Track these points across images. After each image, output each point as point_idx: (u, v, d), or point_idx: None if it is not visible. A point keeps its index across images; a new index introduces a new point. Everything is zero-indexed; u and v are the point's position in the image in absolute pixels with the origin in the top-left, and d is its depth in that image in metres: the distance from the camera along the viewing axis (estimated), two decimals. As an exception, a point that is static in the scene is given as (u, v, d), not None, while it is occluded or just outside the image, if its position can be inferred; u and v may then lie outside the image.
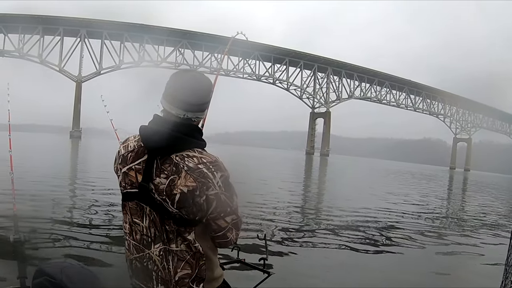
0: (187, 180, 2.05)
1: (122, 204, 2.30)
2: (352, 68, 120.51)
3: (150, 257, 2.19)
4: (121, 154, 2.29)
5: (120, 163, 2.28)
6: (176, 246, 2.14)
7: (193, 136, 2.19)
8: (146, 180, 2.14)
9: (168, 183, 2.08)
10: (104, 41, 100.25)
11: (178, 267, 2.14)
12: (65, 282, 2.34)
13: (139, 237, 2.22)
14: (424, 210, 17.09)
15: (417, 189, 30.28)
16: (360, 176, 44.49)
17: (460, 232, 12.44)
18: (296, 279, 6.69)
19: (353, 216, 13.30)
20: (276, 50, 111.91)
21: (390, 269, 7.96)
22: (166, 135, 2.11)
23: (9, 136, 3.87)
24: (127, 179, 2.23)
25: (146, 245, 2.20)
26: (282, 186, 23.13)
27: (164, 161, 2.11)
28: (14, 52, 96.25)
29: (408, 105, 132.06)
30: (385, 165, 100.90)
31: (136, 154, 2.21)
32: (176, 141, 2.12)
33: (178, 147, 2.12)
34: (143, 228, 2.20)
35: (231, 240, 2.29)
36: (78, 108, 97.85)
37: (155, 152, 2.13)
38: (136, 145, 2.24)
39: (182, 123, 2.16)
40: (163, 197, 2.09)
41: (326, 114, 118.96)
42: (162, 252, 2.16)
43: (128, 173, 2.22)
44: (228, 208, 2.19)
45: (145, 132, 2.20)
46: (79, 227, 8.92)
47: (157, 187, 2.10)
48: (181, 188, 2.06)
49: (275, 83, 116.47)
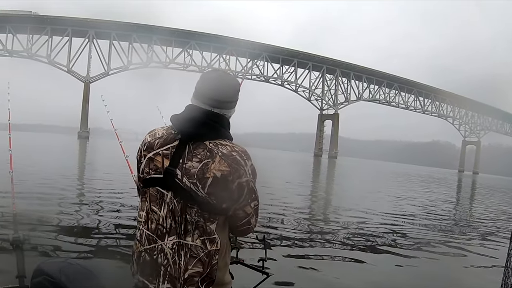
0: (221, 165, 2.09)
1: (141, 191, 2.28)
2: (361, 70, 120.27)
3: (161, 249, 2.15)
4: (147, 141, 2.29)
5: (145, 150, 2.27)
6: (192, 240, 2.12)
7: (225, 128, 2.26)
8: (173, 165, 2.15)
9: (201, 167, 2.10)
10: (112, 42, 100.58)
11: (190, 264, 2.11)
12: (64, 282, 2.33)
13: (154, 227, 2.19)
14: (435, 215, 16.80)
15: (427, 193, 29.87)
16: (368, 179, 44.21)
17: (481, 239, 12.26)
18: (295, 280, 6.63)
19: (357, 219, 13.06)
20: (284, 52, 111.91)
21: (391, 271, 7.85)
22: (201, 122, 2.18)
23: (9, 135, 3.86)
24: (151, 164, 2.22)
25: (160, 236, 2.16)
26: (286, 188, 23.10)
27: (197, 146, 2.14)
28: (23, 52, 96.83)
29: (416, 108, 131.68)
30: (393, 168, 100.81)
31: (165, 140, 2.23)
32: (211, 128, 2.18)
33: (212, 135, 2.17)
34: (160, 217, 2.17)
35: (252, 227, 2.35)
36: (86, 108, 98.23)
37: (189, 137, 2.17)
38: (165, 133, 2.27)
39: (216, 114, 2.23)
40: (194, 180, 2.10)
41: (335, 116, 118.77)
42: (175, 245, 2.13)
43: (154, 158, 2.22)
44: (253, 194, 2.24)
45: (178, 118, 2.24)
46: (79, 227, 8.90)
47: (187, 170, 2.11)
48: (214, 172, 2.08)
49: (283, 84, 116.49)
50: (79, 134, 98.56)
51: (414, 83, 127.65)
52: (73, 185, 15.61)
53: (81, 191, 14.94)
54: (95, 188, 15.65)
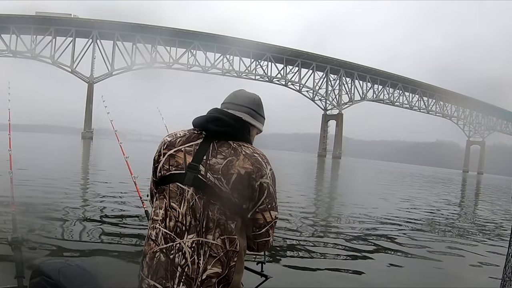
0: (245, 163, 2.15)
1: (159, 189, 2.27)
2: (365, 70, 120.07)
3: (180, 248, 2.11)
4: (167, 141, 2.32)
5: (165, 148, 2.30)
6: (213, 239, 2.10)
7: (248, 134, 2.32)
8: (197, 161, 2.18)
9: (226, 163, 2.14)
10: (116, 42, 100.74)
11: (209, 264, 2.09)
12: (62, 282, 2.34)
13: (172, 224, 2.15)
14: (439, 216, 16.69)
15: (431, 194, 29.66)
16: (371, 180, 44.07)
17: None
18: (294, 283, 6.60)
19: (359, 221, 12.90)
20: (288, 52, 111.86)
21: (393, 272, 7.79)
22: (228, 123, 2.25)
23: (9, 135, 3.86)
24: (172, 160, 2.24)
25: (179, 234, 2.13)
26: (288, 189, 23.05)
27: (221, 144, 2.20)
28: (27, 53, 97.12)
29: (421, 108, 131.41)
30: (398, 168, 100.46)
31: (188, 138, 2.27)
32: (236, 130, 2.25)
33: (237, 136, 2.24)
34: (179, 214, 2.15)
35: (270, 240, 2.34)
36: (90, 109, 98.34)
37: (214, 135, 2.23)
38: (187, 132, 2.31)
39: (241, 120, 2.33)
40: (218, 175, 2.13)
41: (339, 116, 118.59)
42: (194, 244, 2.10)
43: (175, 154, 2.25)
44: (274, 202, 2.26)
45: (203, 118, 2.30)
46: (78, 228, 8.84)
47: (212, 166, 2.15)
48: (238, 169, 2.13)
49: (287, 84, 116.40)
50: (83, 135, 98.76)
51: (418, 83, 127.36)
52: (73, 185, 15.54)
53: (81, 191, 14.86)
54: (96, 189, 15.64)
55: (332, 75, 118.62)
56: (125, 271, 5.72)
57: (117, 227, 9.19)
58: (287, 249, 8.71)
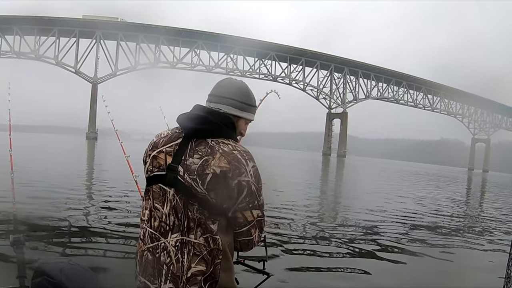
0: (221, 161, 2.10)
1: (145, 189, 2.31)
2: (369, 68, 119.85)
3: (164, 247, 2.15)
4: (153, 142, 2.33)
5: (150, 150, 2.31)
6: (195, 238, 2.11)
7: (230, 129, 2.27)
8: (176, 161, 2.17)
9: (201, 163, 2.11)
10: (119, 42, 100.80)
11: (193, 262, 2.10)
12: (64, 282, 2.36)
13: (157, 224, 2.20)
14: (444, 215, 16.48)
15: (436, 192, 29.51)
16: (376, 178, 43.98)
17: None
18: (296, 281, 6.61)
19: (362, 219, 12.90)
20: (292, 51, 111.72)
21: (394, 272, 7.77)
22: (206, 120, 2.20)
23: (9, 136, 3.87)
24: (155, 162, 2.26)
25: (163, 233, 2.17)
26: (292, 187, 23.01)
27: (199, 143, 2.17)
28: (31, 54, 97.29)
29: (425, 105, 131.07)
30: (403, 167, 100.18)
31: (169, 138, 2.27)
32: (214, 126, 2.19)
33: (215, 133, 2.19)
34: (163, 215, 2.18)
35: (254, 240, 2.32)
36: (94, 109, 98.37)
37: (192, 133, 2.20)
38: (170, 132, 2.32)
39: (222, 114, 2.27)
40: (194, 176, 2.11)
41: (343, 115, 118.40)
42: (178, 242, 2.13)
43: (157, 156, 2.26)
44: (255, 201, 2.21)
45: (183, 116, 2.28)
46: (79, 228, 8.92)
47: (188, 167, 2.13)
48: (214, 168, 2.09)
49: (291, 83, 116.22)
50: (87, 135, 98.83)
51: (422, 81, 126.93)
52: (74, 185, 15.54)
53: (83, 191, 14.87)
54: (97, 189, 15.69)
55: (336, 73, 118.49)
56: (126, 270, 5.74)
57: (119, 226, 9.25)
58: (289, 247, 8.73)
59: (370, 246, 9.42)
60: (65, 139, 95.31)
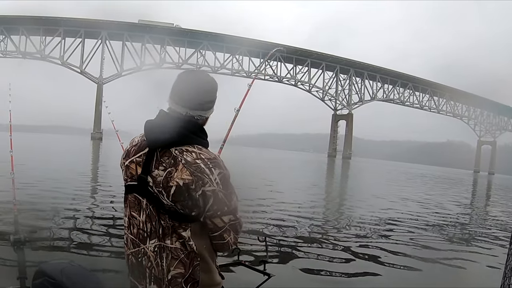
0: (183, 173, 2.09)
1: (124, 197, 2.33)
2: (375, 70, 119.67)
3: (145, 252, 2.21)
4: (127, 149, 2.35)
5: (124, 158, 2.34)
6: (171, 243, 2.15)
7: (195, 134, 2.22)
8: (145, 172, 2.19)
9: (165, 175, 2.12)
10: (125, 43, 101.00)
11: (172, 266, 2.15)
12: (65, 283, 2.35)
13: (136, 231, 2.25)
14: (448, 218, 16.35)
15: (441, 195, 29.18)
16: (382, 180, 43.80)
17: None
18: (296, 282, 6.65)
19: (369, 223, 12.77)
20: (298, 52, 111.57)
21: (396, 272, 7.78)
22: (168, 129, 2.16)
23: (10, 136, 3.86)
24: (128, 172, 2.28)
25: (142, 240, 2.22)
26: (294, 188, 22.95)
27: (163, 153, 2.17)
28: (36, 54, 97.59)
29: (431, 107, 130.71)
30: (408, 169, 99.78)
31: (139, 147, 2.27)
32: (178, 135, 2.16)
33: (178, 141, 2.16)
34: (140, 222, 2.22)
35: (229, 243, 2.29)
36: (99, 109, 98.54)
37: (155, 144, 2.19)
38: (140, 140, 2.31)
39: (185, 119, 2.21)
40: (160, 189, 2.13)
41: (348, 116, 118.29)
42: (157, 248, 2.17)
43: (129, 166, 2.27)
44: (225, 207, 2.20)
45: (148, 126, 2.26)
46: (80, 228, 8.91)
47: (154, 179, 2.15)
48: (177, 180, 2.09)
49: (297, 84, 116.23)
50: (92, 135, 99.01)
51: (428, 83, 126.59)
52: (76, 185, 15.57)
53: (85, 191, 14.86)
54: (98, 189, 15.68)
55: (342, 74, 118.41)
56: (126, 270, 5.71)
57: (120, 227, 9.14)
58: (290, 248, 8.77)
59: (372, 250, 9.34)
60: (70, 139, 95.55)
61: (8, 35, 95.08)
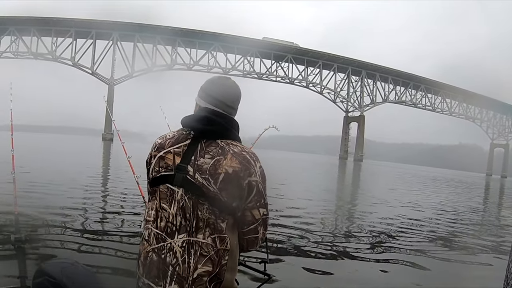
0: (233, 161, 2.17)
1: (151, 190, 2.33)
2: (387, 71, 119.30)
3: (171, 247, 2.17)
4: (158, 143, 2.35)
5: (155, 151, 2.33)
6: (203, 238, 2.15)
7: (236, 131, 2.35)
8: (185, 162, 2.21)
9: (213, 163, 2.17)
10: (136, 44, 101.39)
11: (200, 263, 2.13)
12: (65, 282, 2.37)
13: (163, 225, 2.22)
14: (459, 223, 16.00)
15: (454, 198, 28.48)
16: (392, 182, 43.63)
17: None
18: (297, 283, 6.61)
19: (368, 225, 12.42)
20: (309, 53, 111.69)
21: (397, 272, 7.74)
22: (215, 122, 2.26)
23: (11, 136, 3.89)
24: (162, 162, 2.28)
25: (170, 234, 2.19)
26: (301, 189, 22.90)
27: (209, 144, 2.23)
28: (48, 55, 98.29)
29: (444, 109, 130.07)
30: (421, 172, 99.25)
31: (176, 139, 2.30)
32: (223, 128, 2.26)
33: (224, 134, 2.26)
34: (170, 215, 2.20)
35: (260, 238, 2.36)
36: (110, 110, 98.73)
37: (202, 134, 2.25)
38: (176, 133, 2.34)
39: (229, 117, 2.34)
40: (206, 176, 2.16)
41: (360, 118, 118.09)
42: (185, 243, 2.15)
43: (165, 156, 2.28)
44: (263, 199, 2.29)
45: (191, 118, 2.33)
46: (81, 228, 8.84)
47: (200, 167, 2.18)
48: (226, 168, 2.16)
49: (308, 86, 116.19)
50: (103, 136, 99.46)
51: (441, 84, 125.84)
52: (77, 185, 15.56)
53: (86, 191, 14.79)
54: (99, 189, 15.72)
55: (353, 76, 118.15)
56: (127, 270, 5.73)
57: (120, 226, 9.25)
58: (291, 248, 8.69)
59: (373, 250, 9.29)
60: (81, 140, 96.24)
61: (19, 36, 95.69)
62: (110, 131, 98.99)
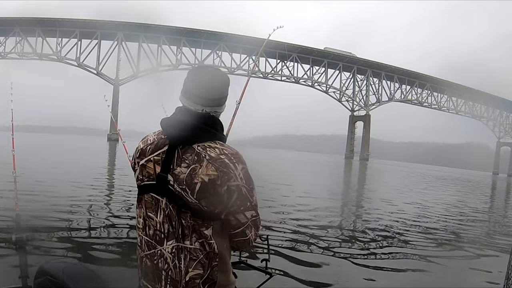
0: (208, 169, 2.09)
1: (137, 198, 2.30)
2: (392, 70, 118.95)
3: (161, 254, 2.18)
4: (140, 148, 2.30)
5: (138, 157, 2.29)
6: (190, 243, 2.13)
7: (215, 129, 2.23)
8: (165, 171, 2.16)
9: (189, 172, 2.10)
10: (141, 44, 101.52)
11: (190, 267, 2.13)
12: (66, 282, 2.36)
13: (152, 233, 2.22)
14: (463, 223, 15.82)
15: (461, 198, 28.30)
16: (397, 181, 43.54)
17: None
18: (298, 281, 6.55)
19: (371, 225, 12.53)
20: (314, 52, 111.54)
21: (398, 273, 7.70)
22: (189, 125, 2.16)
23: (12, 136, 3.90)
24: (144, 171, 2.24)
25: (159, 241, 2.19)
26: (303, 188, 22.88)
27: (185, 150, 2.14)
28: (53, 56, 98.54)
29: (449, 108, 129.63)
30: (427, 171, 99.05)
31: (156, 146, 2.23)
32: (199, 131, 2.16)
33: (201, 137, 2.16)
34: (157, 223, 2.19)
35: (250, 239, 2.29)
36: (116, 110, 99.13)
37: (177, 141, 2.16)
38: (156, 138, 2.27)
39: (205, 115, 2.21)
40: (183, 186, 2.10)
41: (366, 117, 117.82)
42: (174, 249, 2.15)
43: (146, 165, 2.24)
44: (248, 202, 2.21)
45: (167, 123, 2.24)
46: (82, 227, 8.89)
47: (177, 176, 2.12)
48: (202, 177, 2.08)
49: (313, 85, 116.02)
50: (108, 137, 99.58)
51: (447, 83, 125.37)
52: (79, 185, 15.57)
53: (87, 191, 14.82)
54: (99, 189, 15.73)
55: (359, 75, 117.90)
56: (128, 270, 5.74)
57: (121, 227, 9.26)
58: (292, 247, 8.72)
59: (374, 251, 9.27)
60: (86, 140, 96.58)
61: (24, 37, 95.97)
62: (115, 132, 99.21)
